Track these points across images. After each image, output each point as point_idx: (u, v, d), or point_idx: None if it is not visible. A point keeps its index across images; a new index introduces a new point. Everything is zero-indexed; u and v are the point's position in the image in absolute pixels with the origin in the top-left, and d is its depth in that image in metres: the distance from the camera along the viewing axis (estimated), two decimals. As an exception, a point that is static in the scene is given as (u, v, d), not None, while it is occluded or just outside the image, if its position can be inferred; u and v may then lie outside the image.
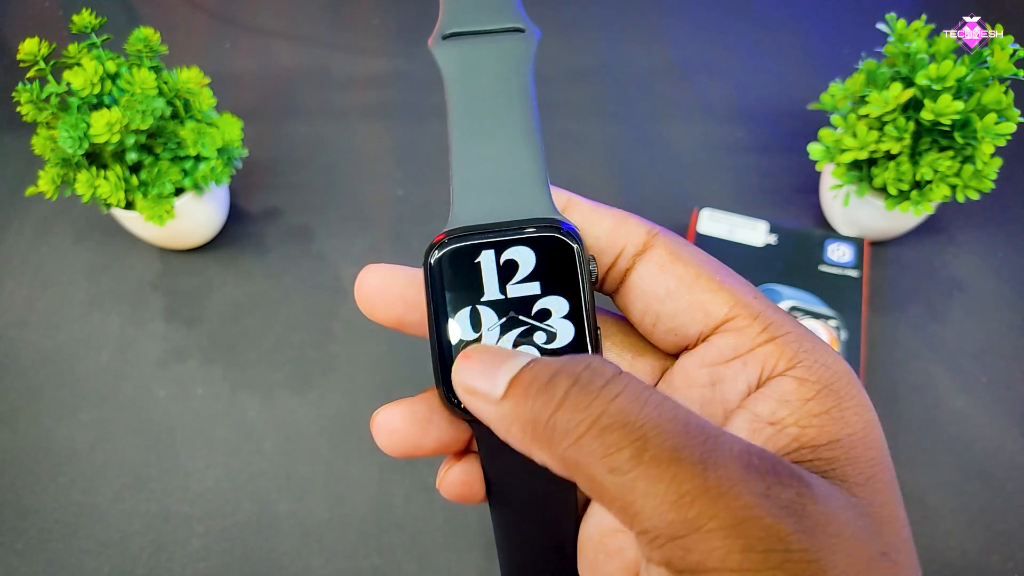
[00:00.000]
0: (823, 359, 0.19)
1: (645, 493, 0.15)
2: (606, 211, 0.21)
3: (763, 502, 0.14)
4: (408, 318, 0.21)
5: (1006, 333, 0.61)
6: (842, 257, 0.61)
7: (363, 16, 0.85)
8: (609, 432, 0.15)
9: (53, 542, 0.52)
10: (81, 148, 0.51)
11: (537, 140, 0.20)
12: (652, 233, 0.20)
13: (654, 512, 0.15)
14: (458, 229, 0.20)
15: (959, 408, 0.57)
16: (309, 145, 0.73)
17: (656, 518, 0.15)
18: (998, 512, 0.53)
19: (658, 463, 0.15)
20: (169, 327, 0.62)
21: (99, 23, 0.53)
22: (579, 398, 0.16)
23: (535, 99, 0.20)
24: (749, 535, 0.14)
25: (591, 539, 0.22)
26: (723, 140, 0.73)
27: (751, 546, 0.14)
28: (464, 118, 0.20)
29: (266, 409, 0.58)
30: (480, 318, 0.19)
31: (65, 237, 0.67)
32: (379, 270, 0.21)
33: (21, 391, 0.59)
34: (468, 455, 0.22)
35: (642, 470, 0.15)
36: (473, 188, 0.20)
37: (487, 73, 0.20)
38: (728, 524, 0.14)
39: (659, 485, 0.15)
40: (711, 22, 0.84)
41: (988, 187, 0.53)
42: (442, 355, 0.20)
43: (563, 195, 0.21)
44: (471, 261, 0.19)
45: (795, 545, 0.14)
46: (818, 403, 0.18)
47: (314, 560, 0.52)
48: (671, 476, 0.15)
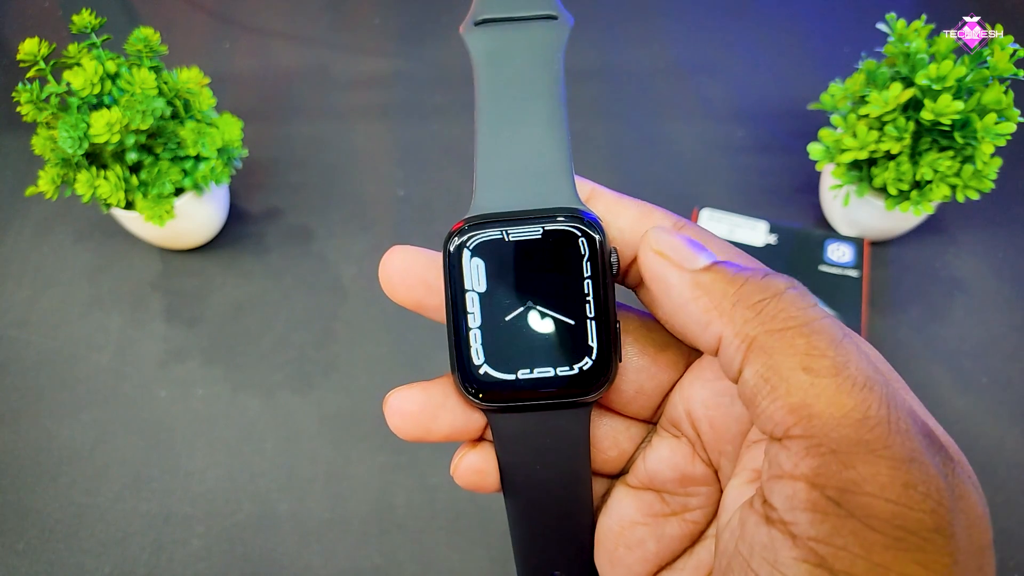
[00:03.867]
0: (860, 351, 0.19)
1: (831, 402, 0.15)
2: (630, 203, 0.21)
3: (930, 451, 0.15)
4: (428, 301, 0.21)
5: (1006, 333, 0.61)
6: (842, 257, 0.61)
7: (363, 16, 0.85)
8: (819, 336, 0.16)
9: (54, 542, 0.52)
10: (81, 148, 0.51)
11: (564, 129, 0.20)
12: (679, 226, 0.20)
13: (832, 421, 0.15)
14: (478, 216, 0.20)
15: (960, 408, 0.57)
16: (309, 145, 0.73)
17: (831, 427, 0.15)
18: (999, 511, 0.53)
19: (853, 382, 0.15)
20: (169, 327, 0.62)
21: (99, 23, 0.53)
22: (798, 299, 0.17)
23: (564, 88, 0.20)
24: (914, 474, 0.15)
25: (611, 531, 0.22)
26: (723, 140, 0.73)
27: (913, 484, 0.15)
28: (491, 104, 0.20)
29: (267, 409, 0.58)
30: (498, 307, 0.19)
31: (65, 237, 0.67)
32: (403, 252, 0.21)
33: (22, 391, 0.59)
34: (483, 443, 0.22)
35: (837, 381, 0.15)
36: (496, 176, 0.20)
37: (517, 60, 0.20)
38: (899, 457, 0.15)
39: (849, 399, 0.15)
40: (711, 22, 0.84)
41: (988, 187, 0.53)
42: (458, 343, 0.20)
43: (587, 185, 0.21)
44: (490, 249, 0.19)
45: (947, 499, 0.15)
46: None
47: (314, 560, 0.52)
48: (861, 398, 0.15)
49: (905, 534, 0.15)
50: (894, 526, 0.15)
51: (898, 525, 0.15)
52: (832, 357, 0.16)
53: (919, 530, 0.15)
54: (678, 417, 0.21)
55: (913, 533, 0.15)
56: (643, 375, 0.21)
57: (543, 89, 0.20)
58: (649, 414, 0.22)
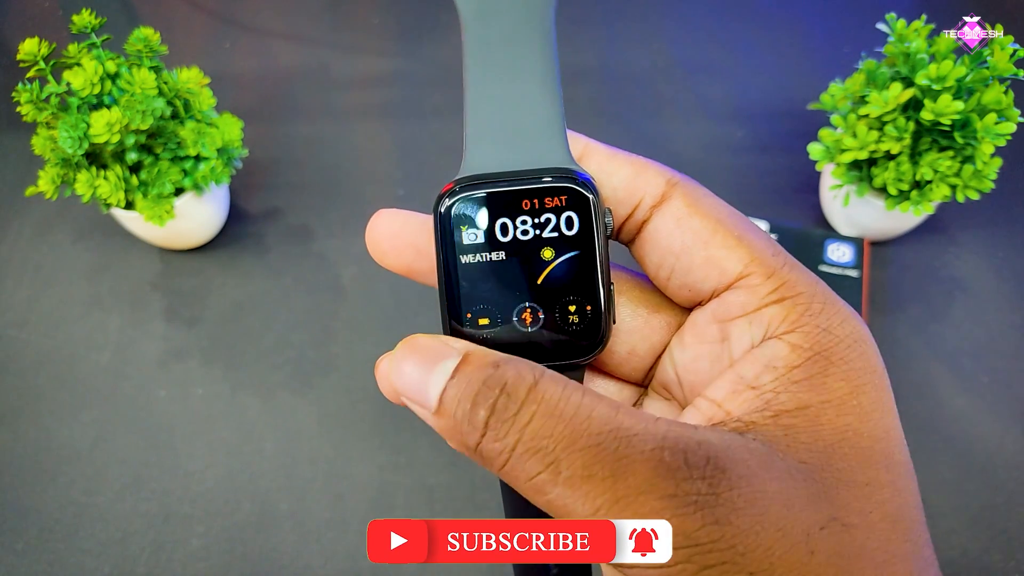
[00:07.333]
0: (828, 323, 0.18)
1: (566, 509, 0.16)
2: (624, 159, 0.20)
3: (669, 504, 0.15)
4: (417, 266, 0.21)
5: (1007, 333, 0.61)
6: (842, 257, 0.61)
7: (363, 16, 0.85)
8: (526, 459, 0.16)
9: (53, 542, 0.52)
10: (81, 148, 0.51)
11: (556, 86, 0.19)
12: (672, 182, 0.20)
13: None
14: (469, 177, 0.19)
15: (960, 408, 0.57)
16: (309, 145, 0.73)
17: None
18: (999, 511, 0.53)
19: (571, 483, 0.16)
20: (169, 327, 0.62)
21: (99, 23, 0.53)
22: (498, 428, 0.17)
23: (556, 44, 0.20)
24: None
25: None
26: (723, 140, 0.73)
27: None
28: (480, 61, 0.19)
29: (266, 409, 0.58)
30: (490, 269, 0.19)
31: (65, 237, 0.67)
32: (391, 215, 0.21)
33: (21, 391, 0.59)
34: None
35: (559, 491, 0.16)
36: (486, 135, 0.19)
37: (507, 14, 0.19)
38: None
39: (575, 503, 0.16)
40: (711, 22, 0.84)
41: (988, 187, 0.53)
42: (451, 305, 0.19)
43: (580, 141, 0.20)
44: (481, 210, 0.19)
45: (704, 538, 0.15)
46: (803, 370, 0.18)
47: (314, 560, 0.52)
48: (584, 494, 0.16)
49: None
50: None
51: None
52: (545, 469, 0.16)
53: None
54: (668, 380, 0.21)
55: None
56: (635, 336, 0.21)
57: (534, 45, 0.19)
58: (640, 376, 0.22)
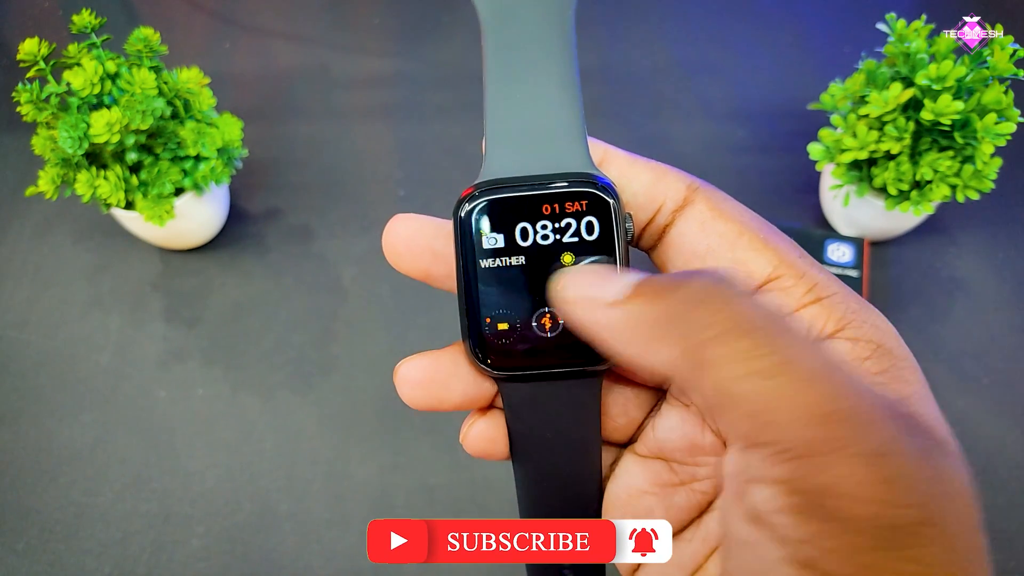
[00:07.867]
0: (871, 319, 0.18)
1: (789, 403, 0.14)
2: (644, 164, 0.20)
3: (907, 439, 0.14)
4: (435, 270, 0.20)
5: (1007, 333, 0.61)
6: (842, 257, 0.61)
7: (363, 16, 0.85)
8: (754, 334, 0.15)
9: (54, 542, 0.52)
10: (81, 148, 0.51)
11: (576, 90, 0.19)
12: (693, 187, 0.20)
13: (793, 424, 0.14)
14: (489, 182, 0.19)
15: (960, 408, 0.57)
16: (309, 145, 0.73)
17: (793, 431, 0.14)
18: (1000, 512, 0.53)
19: (807, 376, 0.14)
20: (169, 327, 0.62)
21: (99, 23, 0.53)
22: (723, 296, 0.15)
23: (575, 46, 0.19)
24: (891, 467, 0.14)
25: (619, 499, 0.21)
26: (723, 140, 0.73)
27: (892, 478, 0.14)
28: (500, 65, 0.19)
29: (266, 409, 0.58)
30: (510, 274, 0.19)
31: (65, 237, 0.67)
32: (408, 220, 0.20)
33: (21, 392, 0.59)
34: (493, 411, 0.21)
35: (789, 379, 0.14)
36: (507, 139, 0.19)
37: (526, 17, 0.19)
38: (872, 452, 0.14)
39: (806, 397, 0.14)
40: (711, 22, 0.84)
41: (988, 187, 0.53)
42: (470, 310, 0.19)
43: (600, 147, 0.20)
44: (501, 215, 0.19)
45: (932, 487, 0.14)
46: (875, 362, 0.18)
47: (314, 560, 0.52)
48: (820, 392, 0.14)
49: (892, 532, 0.14)
50: (878, 526, 0.14)
51: (883, 524, 0.14)
52: (777, 351, 0.14)
53: (906, 525, 0.14)
54: None
55: (900, 529, 0.14)
56: None
57: (554, 49, 0.19)
58: (659, 381, 0.22)
